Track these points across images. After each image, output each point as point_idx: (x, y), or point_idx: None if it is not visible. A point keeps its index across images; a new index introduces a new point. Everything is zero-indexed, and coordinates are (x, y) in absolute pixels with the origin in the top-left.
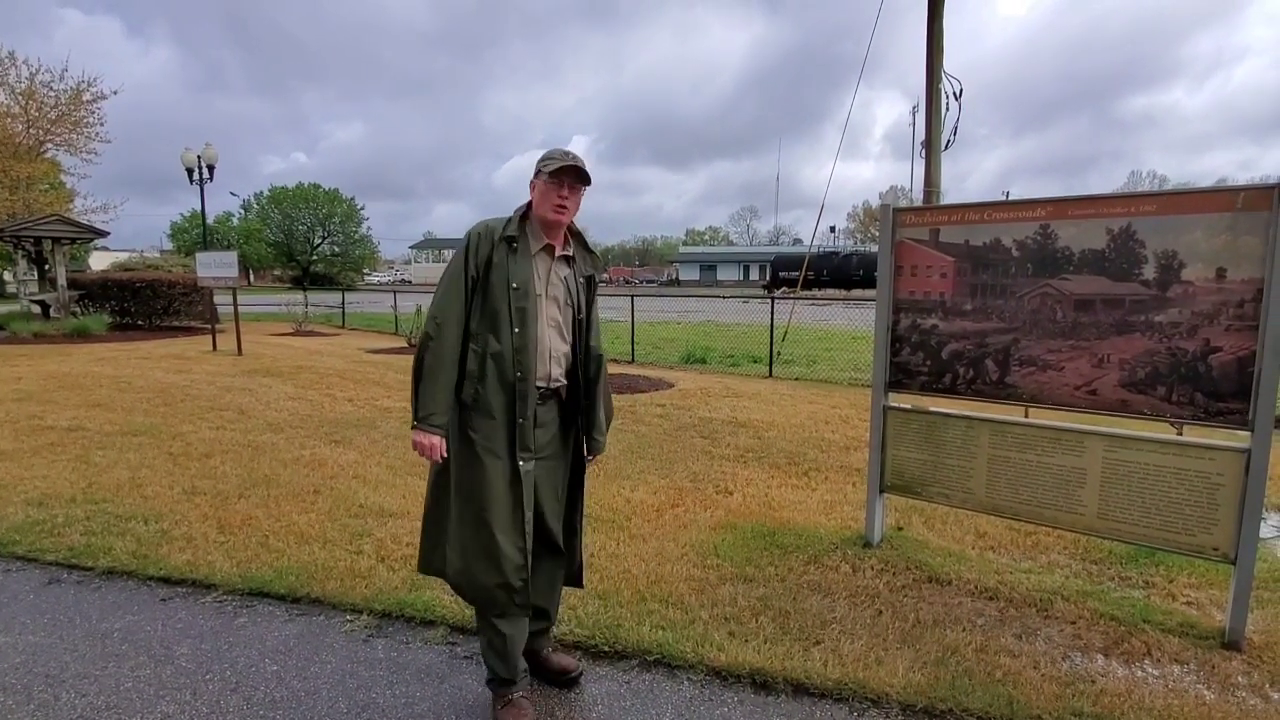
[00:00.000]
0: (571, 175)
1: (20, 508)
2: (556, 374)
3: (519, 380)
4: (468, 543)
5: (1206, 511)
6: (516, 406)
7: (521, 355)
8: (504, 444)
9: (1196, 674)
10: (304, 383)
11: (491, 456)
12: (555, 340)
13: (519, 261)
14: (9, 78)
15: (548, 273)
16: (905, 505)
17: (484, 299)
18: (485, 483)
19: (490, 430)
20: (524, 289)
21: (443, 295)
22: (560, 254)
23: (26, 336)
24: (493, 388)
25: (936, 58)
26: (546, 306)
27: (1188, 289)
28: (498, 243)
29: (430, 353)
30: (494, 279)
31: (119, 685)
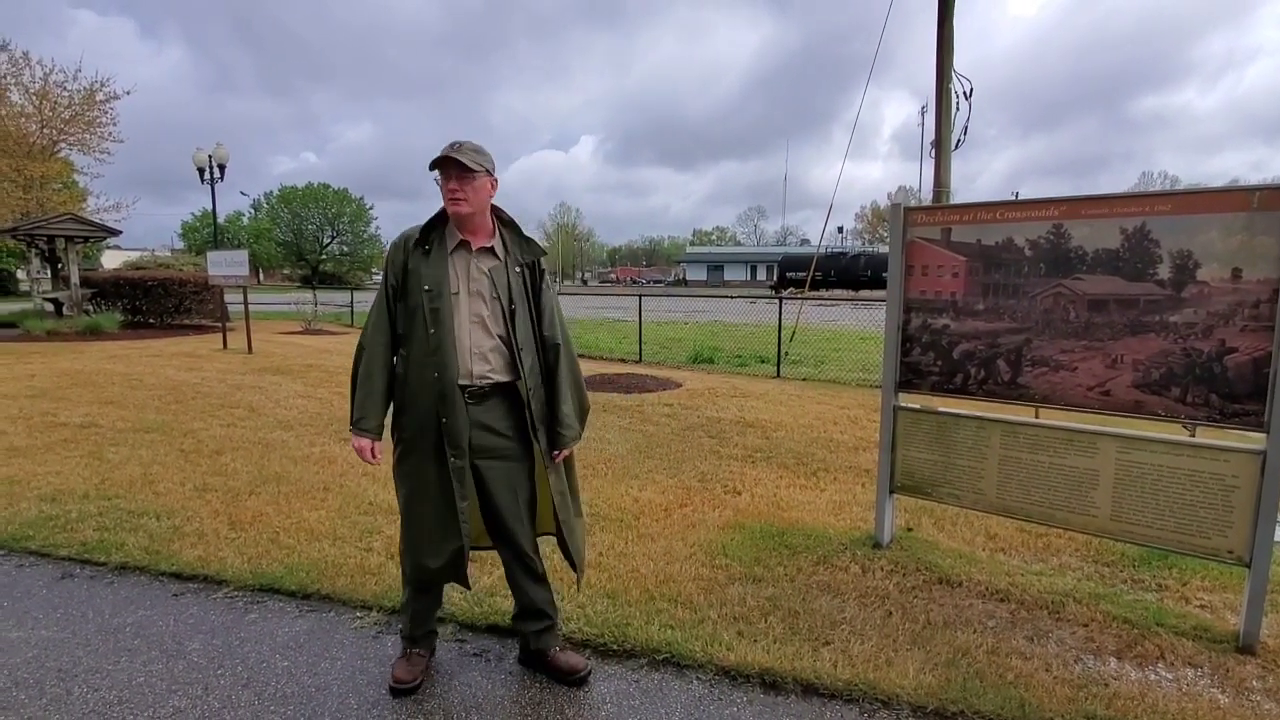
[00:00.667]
0: (446, 165)
1: (34, 503)
2: (483, 369)
3: (436, 380)
4: (407, 533)
5: (1221, 514)
6: (439, 406)
7: (437, 355)
8: (431, 443)
9: (1210, 678)
10: (314, 381)
11: (420, 455)
12: (479, 336)
13: (431, 263)
14: (23, 78)
15: (467, 268)
16: (915, 506)
17: (405, 304)
18: (416, 480)
19: (418, 430)
20: (436, 289)
21: (373, 309)
22: (480, 247)
23: (40, 334)
24: (416, 389)
25: (947, 57)
26: (469, 303)
27: (1203, 289)
28: (412, 249)
29: (360, 362)
30: (410, 284)
31: (131, 680)
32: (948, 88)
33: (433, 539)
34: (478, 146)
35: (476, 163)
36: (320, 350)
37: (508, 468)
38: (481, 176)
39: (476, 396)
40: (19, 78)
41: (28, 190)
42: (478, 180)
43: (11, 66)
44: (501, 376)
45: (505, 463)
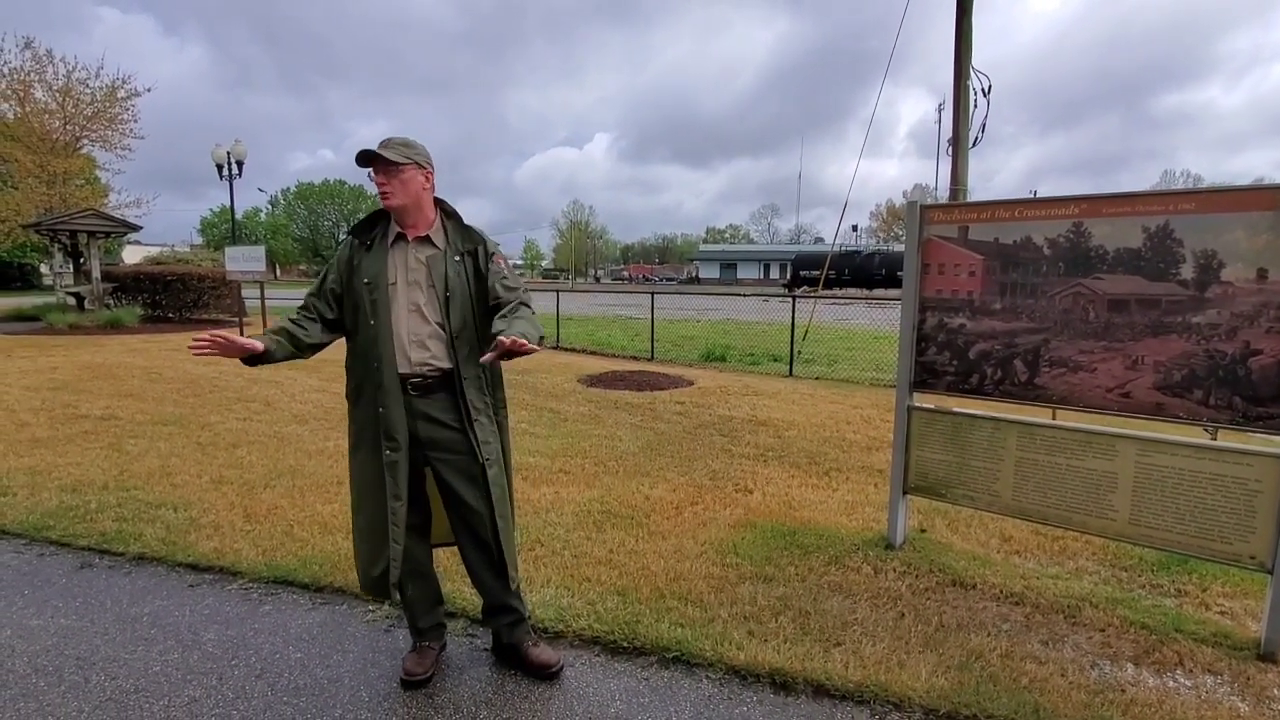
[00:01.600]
0: (372, 161)
1: (55, 493)
2: (423, 357)
3: (375, 370)
4: (354, 529)
5: (1243, 519)
6: (378, 396)
7: (375, 346)
8: (371, 434)
9: (1230, 685)
10: (328, 375)
11: (363, 447)
12: (416, 323)
13: (371, 257)
14: (47, 75)
15: (405, 259)
16: (928, 507)
17: (348, 299)
18: (360, 473)
19: (363, 421)
20: (374, 281)
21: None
22: (417, 237)
23: (62, 327)
24: (359, 379)
25: (965, 54)
26: (406, 292)
27: (1227, 290)
28: (356, 246)
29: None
30: (354, 279)
31: (148, 669)
32: (966, 84)
33: (371, 541)
34: (407, 140)
35: (405, 155)
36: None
37: (461, 459)
38: (409, 169)
39: (420, 389)
40: (43, 75)
41: (51, 186)
42: (405, 173)
43: (36, 64)
44: (444, 363)
45: (457, 455)
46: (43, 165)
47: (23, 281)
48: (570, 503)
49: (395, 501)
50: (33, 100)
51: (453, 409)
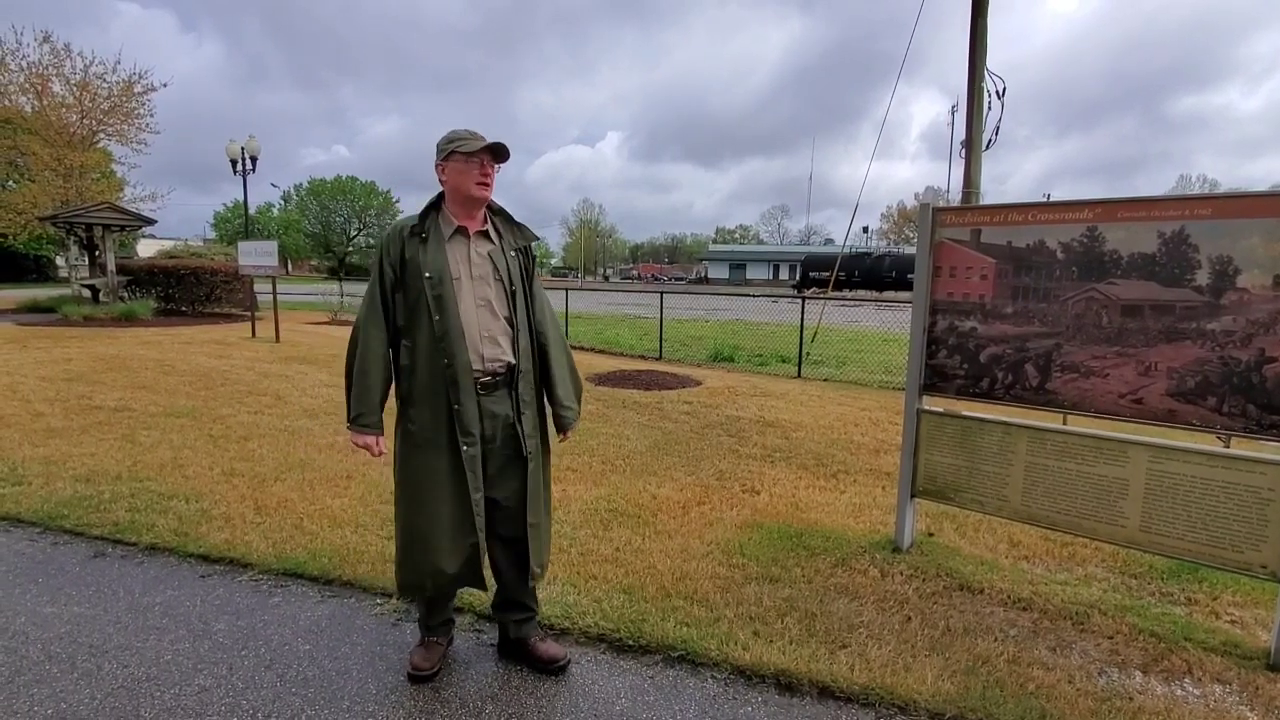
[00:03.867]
0: (490, 154)
1: (69, 483)
2: (494, 353)
3: (447, 366)
4: (411, 533)
5: (1255, 527)
6: (450, 392)
7: (445, 342)
8: (444, 431)
9: (1239, 695)
10: (338, 370)
11: (432, 446)
12: (486, 319)
13: (430, 251)
14: (65, 69)
15: (467, 254)
16: (936, 511)
17: (405, 294)
18: (428, 471)
19: (428, 420)
20: (438, 276)
21: (364, 304)
22: (477, 231)
23: (77, 319)
24: (424, 377)
25: (980, 55)
26: (473, 287)
27: (1243, 296)
28: (408, 238)
29: (355, 357)
30: (409, 273)
31: (159, 657)
32: (980, 86)
33: (448, 537)
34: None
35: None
36: (345, 341)
37: (505, 452)
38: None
39: (487, 386)
40: (60, 69)
41: (67, 179)
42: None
43: (54, 58)
44: (510, 359)
45: (503, 448)
46: (59, 159)
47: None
48: (577, 501)
49: (476, 494)
50: (50, 94)
51: (507, 402)
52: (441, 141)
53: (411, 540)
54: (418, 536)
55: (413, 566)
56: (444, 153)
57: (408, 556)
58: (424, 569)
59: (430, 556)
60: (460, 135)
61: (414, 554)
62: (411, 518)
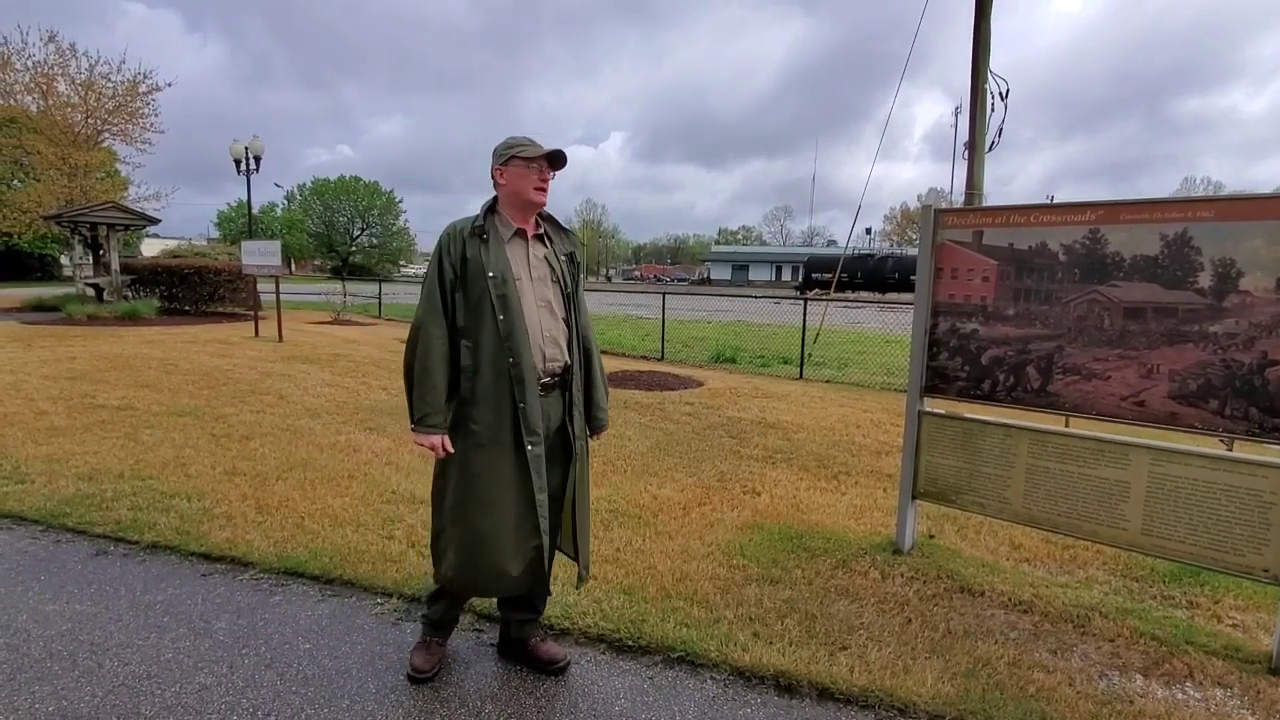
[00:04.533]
0: (548, 160)
1: (71, 481)
2: (554, 354)
3: (513, 366)
4: (469, 535)
5: (1257, 531)
6: (515, 392)
7: (510, 341)
8: (509, 431)
9: (1240, 699)
10: (341, 370)
11: (496, 446)
12: (547, 319)
13: (492, 251)
14: (70, 69)
15: (526, 255)
16: (937, 513)
17: (466, 294)
18: (493, 474)
19: (492, 420)
20: (501, 276)
21: (423, 301)
22: (534, 235)
23: (81, 318)
24: (488, 377)
25: (983, 56)
26: (534, 288)
27: (1245, 299)
28: (469, 238)
29: (416, 358)
30: (471, 273)
31: (160, 656)
32: (983, 87)
33: (512, 539)
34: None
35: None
36: (348, 340)
37: (555, 458)
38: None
39: (546, 386)
40: (65, 69)
41: (72, 178)
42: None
43: (59, 58)
44: (566, 359)
45: (554, 453)
46: (64, 158)
47: (43, 272)
48: None
49: (540, 494)
50: (55, 94)
51: (560, 403)
52: (501, 146)
53: (474, 541)
54: (481, 537)
55: (473, 567)
56: (503, 157)
57: (468, 557)
58: (486, 570)
59: (495, 558)
60: (521, 141)
61: (475, 554)
62: (473, 518)
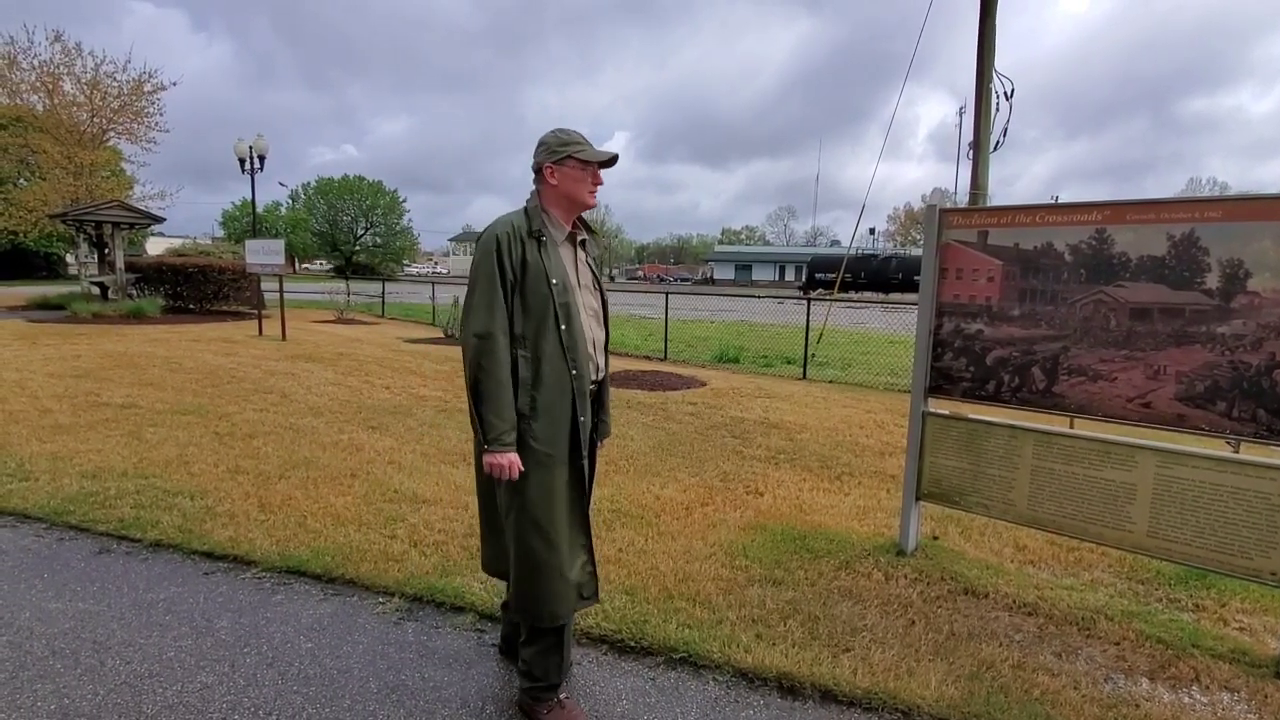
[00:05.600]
0: (609, 164)
1: (75, 479)
2: (601, 364)
3: (575, 378)
4: (536, 560)
5: (1265, 534)
6: (577, 405)
7: (573, 353)
8: (565, 446)
9: (1247, 703)
10: (344, 369)
11: (555, 462)
12: (596, 329)
13: (551, 256)
14: (75, 68)
15: (575, 261)
16: (941, 514)
17: (524, 301)
18: (553, 491)
19: (553, 435)
20: (563, 284)
21: (484, 307)
22: (580, 239)
23: (86, 317)
24: (551, 391)
25: (987, 56)
26: (584, 296)
27: (1253, 300)
28: (527, 240)
29: (485, 371)
30: (531, 278)
31: (162, 654)
32: (988, 87)
33: (568, 554)
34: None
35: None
36: (351, 339)
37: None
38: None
39: (590, 395)
40: (71, 68)
41: (77, 177)
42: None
43: (65, 57)
44: (605, 371)
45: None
46: (70, 157)
47: (49, 271)
48: None
49: (589, 507)
50: (61, 93)
51: (591, 410)
52: (553, 142)
53: (540, 566)
54: (546, 560)
55: (545, 594)
56: (558, 155)
57: (538, 584)
58: (556, 594)
59: (557, 579)
60: (575, 139)
61: (546, 579)
62: (536, 541)
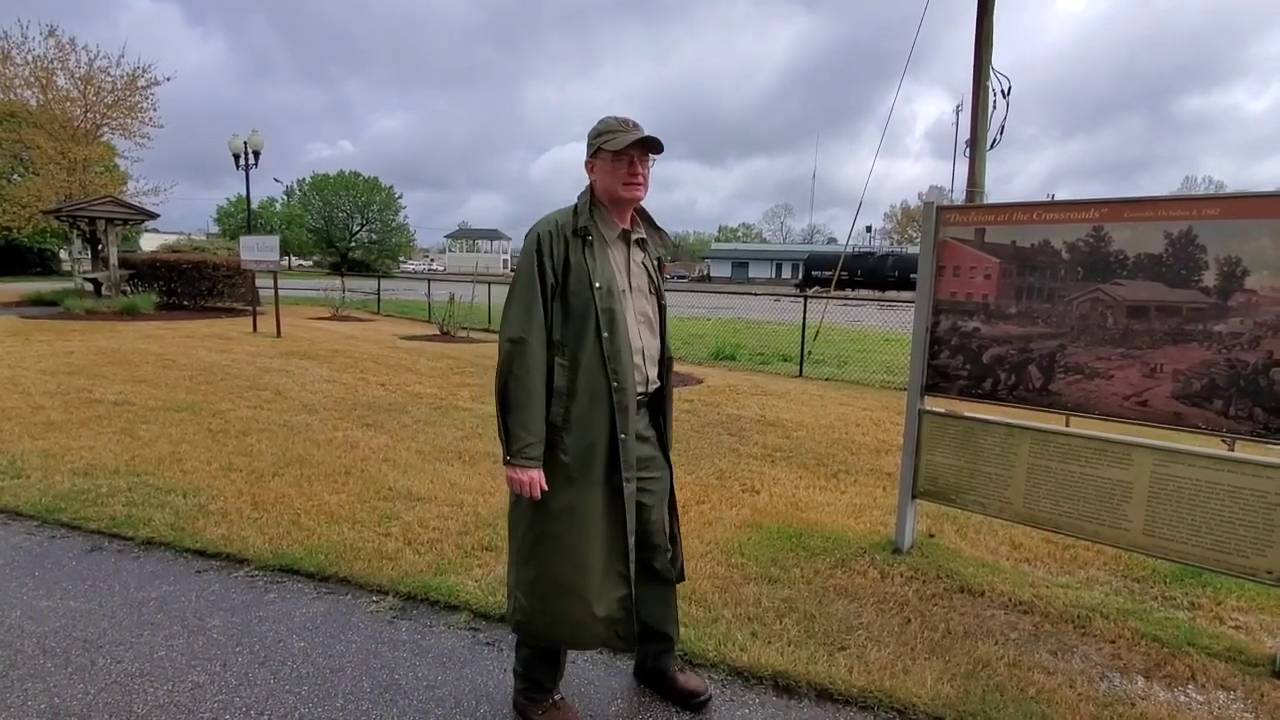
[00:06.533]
0: (640, 148)
1: (67, 476)
2: (653, 375)
3: (615, 391)
4: (553, 582)
5: (1261, 532)
6: (616, 421)
7: (615, 363)
8: (602, 466)
9: (1243, 701)
10: (339, 366)
11: (588, 482)
12: (647, 337)
13: (597, 257)
14: (69, 63)
15: (627, 262)
16: (937, 512)
17: (565, 304)
18: (581, 513)
19: (586, 452)
20: (608, 287)
21: (520, 309)
22: (635, 238)
23: (79, 313)
24: (586, 403)
25: (985, 53)
26: (634, 301)
27: (1251, 298)
28: (571, 239)
29: (515, 379)
30: (573, 280)
31: (153, 653)
32: (985, 85)
33: (597, 585)
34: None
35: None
36: (346, 337)
37: (655, 480)
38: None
39: (639, 406)
40: (65, 63)
41: (71, 173)
42: (651, 163)
43: (58, 52)
44: (659, 383)
45: (653, 476)
46: (63, 152)
47: (42, 267)
48: None
49: (631, 538)
50: (55, 88)
51: (652, 430)
52: (591, 133)
53: (549, 588)
54: (562, 583)
55: (547, 615)
56: (592, 148)
57: (545, 604)
58: (567, 620)
59: (575, 609)
60: (608, 127)
61: (550, 602)
62: (551, 562)
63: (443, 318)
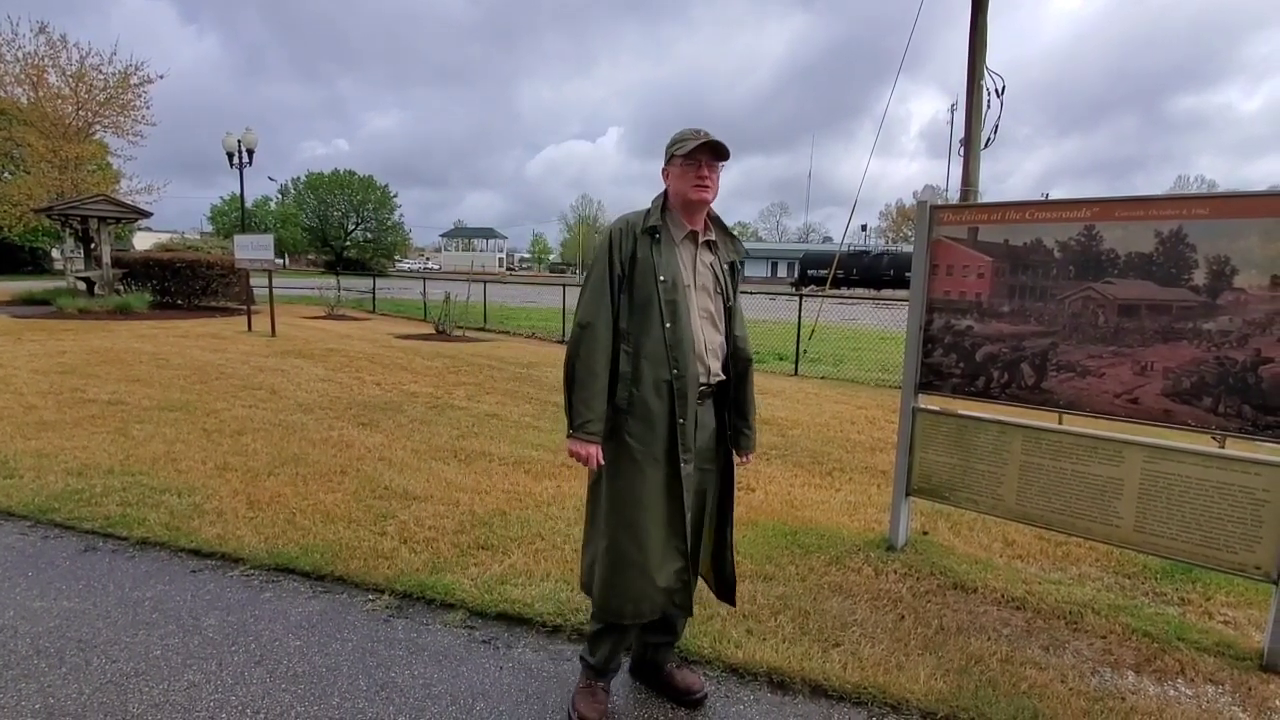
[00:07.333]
0: (708, 153)
1: (60, 476)
2: (715, 368)
3: (675, 378)
4: (618, 554)
5: (1250, 528)
6: (675, 406)
7: (676, 351)
8: (662, 447)
9: (1232, 695)
10: (334, 365)
11: (650, 461)
12: (709, 332)
13: (664, 253)
14: (60, 60)
15: (694, 261)
16: (931, 510)
17: (631, 296)
18: (643, 490)
19: (647, 433)
20: (672, 281)
21: (589, 298)
22: (704, 239)
23: (72, 312)
24: (648, 388)
25: (979, 53)
26: (697, 297)
27: (1240, 296)
28: (640, 235)
29: (580, 359)
30: (640, 273)
31: (148, 653)
32: (979, 84)
33: (658, 559)
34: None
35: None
36: (341, 335)
37: (706, 473)
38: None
39: (702, 397)
40: (56, 60)
41: (63, 171)
42: (720, 170)
43: (50, 49)
44: (721, 377)
45: (704, 468)
46: (55, 150)
47: (34, 266)
48: (572, 497)
49: (689, 514)
50: (46, 85)
51: (713, 421)
52: (668, 144)
53: (623, 561)
54: (631, 557)
55: (623, 589)
56: (667, 157)
57: (618, 578)
58: (635, 593)
59: (637, 580)
60: (681, 137)
61: (627, 576)
62: (622, 536)
63: (438, 316)
